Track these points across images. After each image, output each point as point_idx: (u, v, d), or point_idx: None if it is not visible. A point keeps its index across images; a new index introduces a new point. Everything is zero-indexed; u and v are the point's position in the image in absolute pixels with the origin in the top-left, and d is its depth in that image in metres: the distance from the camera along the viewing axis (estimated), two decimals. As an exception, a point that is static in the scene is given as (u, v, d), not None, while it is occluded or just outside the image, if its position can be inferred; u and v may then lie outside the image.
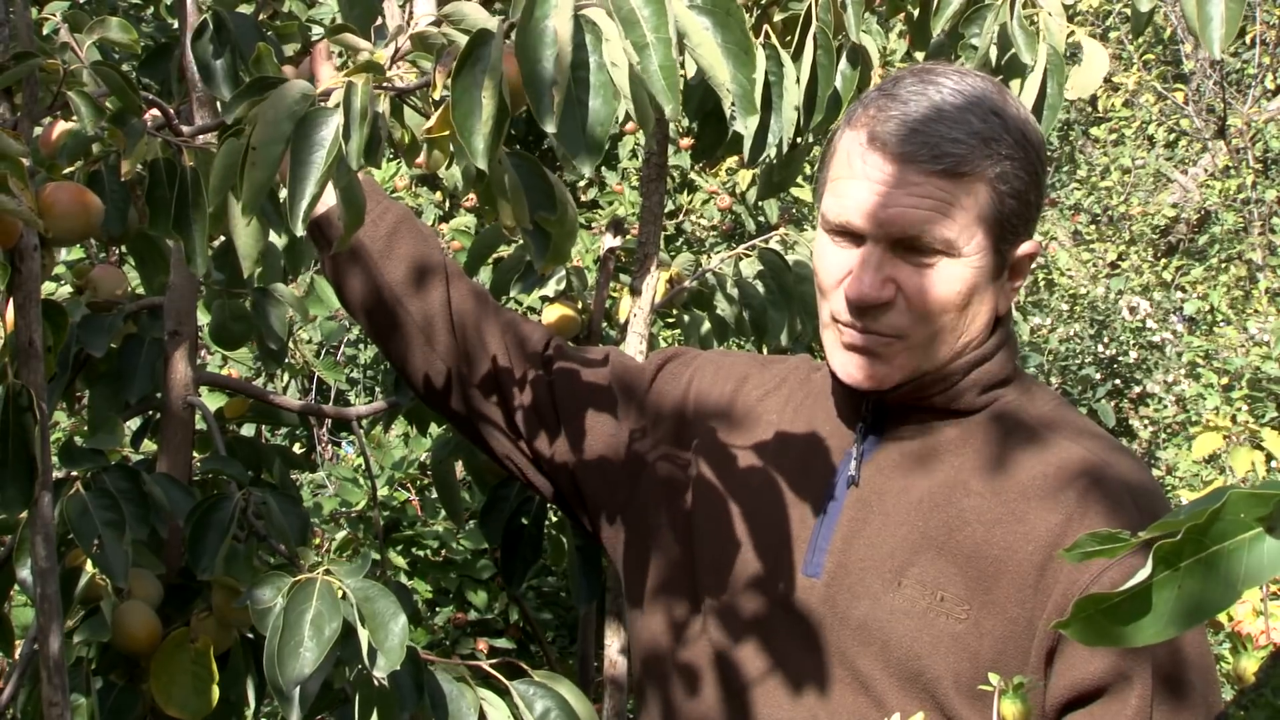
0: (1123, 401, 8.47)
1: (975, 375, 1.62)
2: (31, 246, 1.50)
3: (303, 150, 1.28)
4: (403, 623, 1.80)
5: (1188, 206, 10.13)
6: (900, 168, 1.52)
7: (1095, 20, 10.03)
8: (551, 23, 1.21)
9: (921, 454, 1.62)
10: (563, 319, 2.90)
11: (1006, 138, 1.56)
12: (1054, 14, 1.95)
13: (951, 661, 1.52)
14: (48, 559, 1.60)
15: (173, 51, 2.15)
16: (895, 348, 1.58)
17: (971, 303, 1.58)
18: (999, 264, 1.59)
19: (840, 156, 1.59)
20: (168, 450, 2.23)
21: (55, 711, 1.62)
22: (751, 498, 1.70)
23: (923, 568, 1.55)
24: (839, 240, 1.59)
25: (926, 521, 1.57)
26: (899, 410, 1.64)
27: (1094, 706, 1.50)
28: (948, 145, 1.52)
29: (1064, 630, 0.75)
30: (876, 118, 1.54)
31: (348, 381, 6.22)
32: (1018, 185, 1.57)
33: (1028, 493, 1.55)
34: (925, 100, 1.54)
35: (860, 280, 1.55)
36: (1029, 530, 1.53)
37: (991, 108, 1.56)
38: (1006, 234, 1.57)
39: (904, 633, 1.54)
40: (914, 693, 1.53)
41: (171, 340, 2.21)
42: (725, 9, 1.23)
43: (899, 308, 1.56)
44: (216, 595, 2.06)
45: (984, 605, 1.52)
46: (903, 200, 1.52)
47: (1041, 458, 1.57)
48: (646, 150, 2.47)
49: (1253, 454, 3.66)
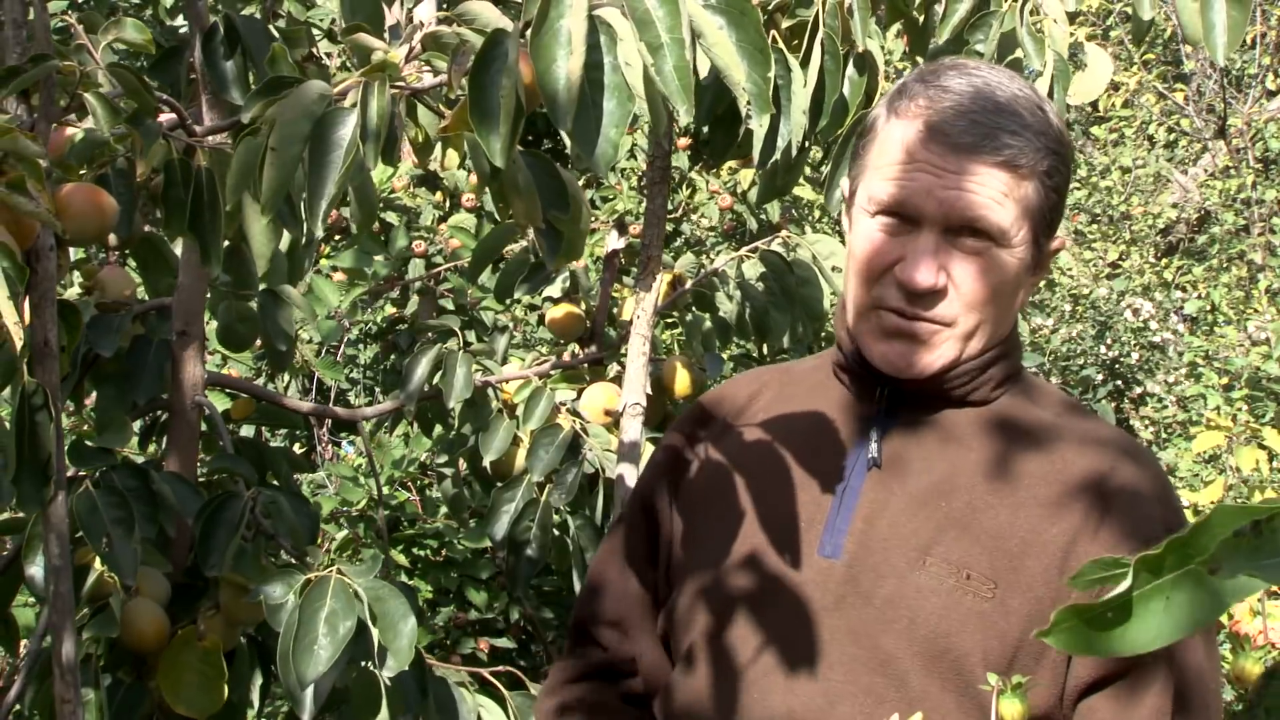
0: (1123, 402, 8.48)
1: (994, 371, 1.64)
2: (48, 247, 1.51)
3: (321, 150, 1.28)
4: (412, 624, 1.81)
5: (1188, 206, 10.14)
6: (961, 157, 1.54)
7: (1096, 20, 10.04)
8: (566, 23, 1.21)
9: (939, 438, 1.64)
10: (567, 318, 2.91)
11: (1052, 132, 1.59)
12: (1058, 20, 1.96)
13: (979, 639, 1.52)
14: (61, 557, 1.61)
15: (182, 54, 2.16)
16: (942, 335, 1.59)
17: (1013, 294, 1.61)
18: (1036, 258, 1.62)
19: (890, 143, 1.59)
20: (176, 450, 2.24)
21: (68, 708, 1.63)
22: (757, 481, 1.70)
23: (948, 546, 1.56)
24: (889, 224, 1.59)
25: (950, 502, 1.58)
26: (914, 397, 1.65)
27: (1117, 687, 1.51)
28: (1007, 138, 1.55)
29: (1046, 639, 0.75)
30: (931, 109, 1.56)
31: (348, 381, 6.22)
32: (1059, 181, 1.60)
33: (1045, 488, 1.57)
34: (976, 92, 1.57)
35: (914, 266, 1.56)
36: (1052, 514, 1.55)
37: (1037, 103, 1.60)
38: (1046, 228, 1.61)
39: (931, 610, 1.54)
40: (938, 671, 1.53)
41: (180, 341, 2.22)
42: (740, 8, 1.23)
43: (950, 296, 1.57)
44: (224, 593, 2.07)
45: (1010, 585, 1.53)
46: (967, 186, 1.54)
47: (1052, 462, 1.59)
48: (650, 153, 2.48)
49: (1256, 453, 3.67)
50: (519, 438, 2.79)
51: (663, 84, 1.20)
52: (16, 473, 1.54)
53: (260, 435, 3.84)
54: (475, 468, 3.00)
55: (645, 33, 1.20)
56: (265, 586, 1.83)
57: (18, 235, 1.43)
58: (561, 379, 2.85)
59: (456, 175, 4.85)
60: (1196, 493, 5.86)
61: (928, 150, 1.55)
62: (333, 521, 4.87)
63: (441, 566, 4.91)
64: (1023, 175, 1.56)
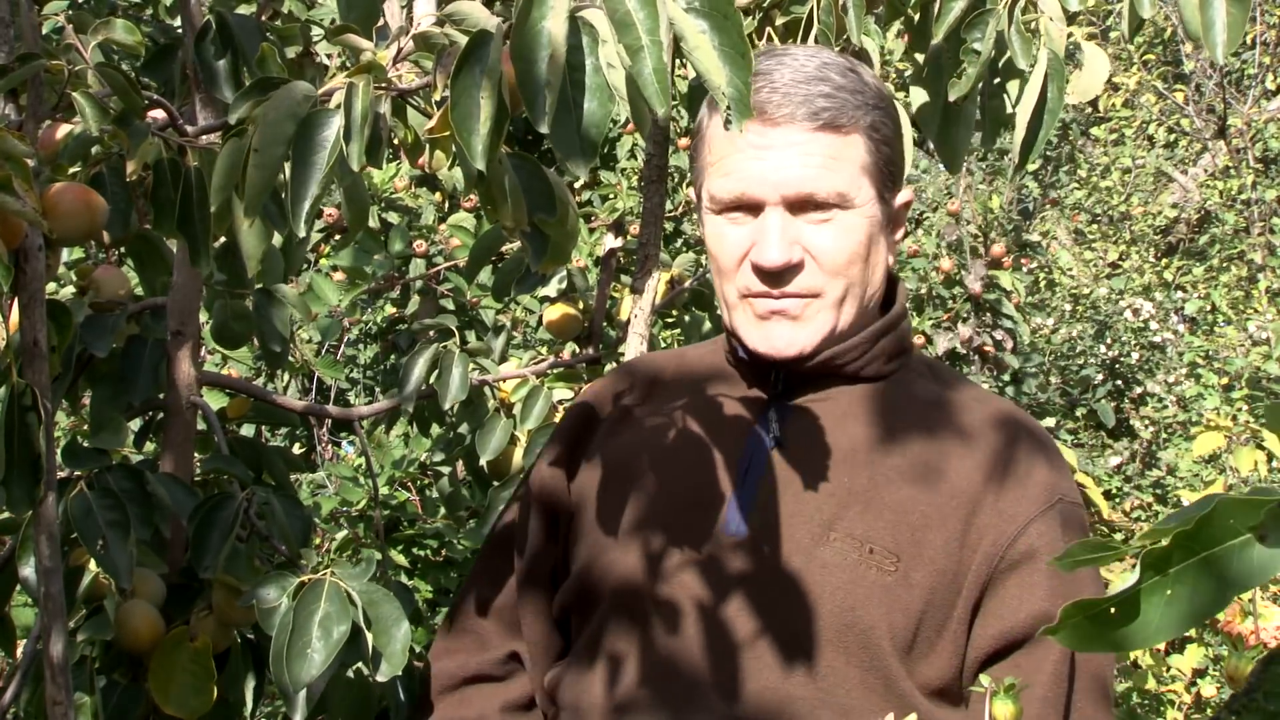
0: (1123, 402, 8.47)
1: (882, 344, 1.68)
2: (36, 247, 1.50)
3: (304, 151, 1.28)
4: (406, 628, 1.81)
5: (1188, 206, 10.13)
6: (781, 131, 1.57)
7: (1096, 19, 10.03)
8: (547, 24, 1.21)
9: (836, 416, 1.66)
10: (564, 318, 2.91)
11: (868, 88, 1.62)
12: (1055, 19, 1.95)
13: (884, 613, 1.55)
14: (52, 558, 1.60)
15: (175, 52, 2.15)
16: (812, 308, 1.62)
17: (871, 253, 1.64)
18: (886, 213, 1.65)
19: (716, 139, 1.64)
20: (171, 450, 2.23)
21: (59, 710, 1.63)
22: (661, 463, 1.72)
23: (851, 521, 1.59)
24: (734, 217, 1.63)
25: (852, 478, 1.62)
26: (808, 378, 1.68)
27: (1018, 655, 1.55)
28: (821, 100, 1.58)
29: (1052, 636, 0.75)
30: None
31: (348, 381, 6.22)
32: (887, 133, 1.63)
33: (945, 450, 1.62)
34: (785, 69, 1.60)
35: (766, 247, 1.59)
36: (951, 486, 1.59)
37: (847, 66, 1.64)
38: (887, 182, 1.64)
39: (836, 585, 1.57)
40: (845, 645, 1.56)
41: (174, 340, 2.21)
42: (723, 12, 1.23)
43: (809, 267, 1.61)
44: (217, 594, 2.06)
45: (913, 558, 1.57)
46: (792, 160, 1.57)
47: (958, 434, 1.64)
48: (646, 152, 2.48)
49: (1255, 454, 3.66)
50: (516, 437, 2.78)
51: (641, 86, 1.20)
52: (6, 474, 1.53)
53: (260, 435, 3.84)
54: (472, 467, 3.00)
55: (625, 35, 1.20)
56: (258, 589, 1.83)
57: (5, 235, 1.43)
58: (559, 378, 2.85)
59: (456, 176, 4.85)
60: (1196, 493, 5.85)
61: (748, 134, 1.57)
62: (332, 522, 4.87)
63: (441, 566, 4.90)
64: (846, 133, 1.59)
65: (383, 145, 1.31)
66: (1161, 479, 7.19)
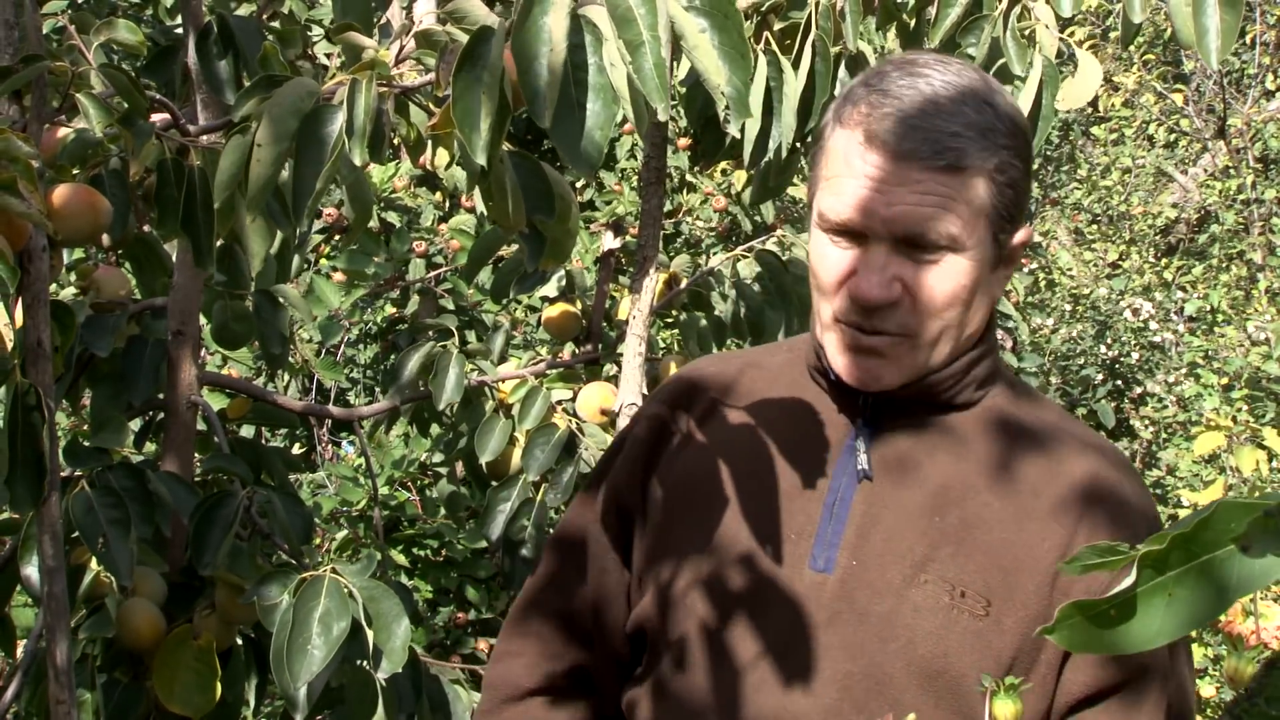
0: (1123, 402, 8.48)
1: (975, 372, 1.61)
2: (40, 248, 1.51)
3: (307, 148, 1.28)
4: (406, 625, 1.82)
5: (1188, 206, 10.14)
6: (901, 165, 1.49)
7: (1095, 20, 10.04)
8: (548, 21, 1.20)
9: (926, 448, 1.60)
10: (563, 318, 2.91)
11: (1000, 127, 1.53)
12: (1049, 26, 1.96)
13: (975, 659, 1.50)
14: (55, 557, 1.61)
15: (176, 53, 2.16)
16: (902, 347, 1.55)
17: (975, 296, 1.56)
18: (997, 254, 1.57)
19: (835, 155, 1.56)
20: (172, 450, 2.24)
21: (62, 709, 1.63)
22: (743, 479, 1.66)
23: (943, 564, 1.53)
24: (839, 240, 1.56)
25: (944, 517, 1.56)
26: (897, 404, 1.62)
27: (1110, 702, 1.50)
28: (948, 140, 1.50)
29: (1049, 635, 0.75)
30: (871, 115, 1.51)
31: (348, 381, 6.23)
32: (1014, 175, 1.55)
33: (1039, 498, 1.55)
34: (917, 94, 1.52)
35: (866, 280, 1.52)
36: (1044, 529, 1.53)
37: (984, 98, 1.54)
38: (1005, 224, 1.56)
39: (928, 630, 1.52)
40: (934, 690, 1.51)
41: (175, 340, 2.22)
42: (724, 12, 1.23)
43: (905, 306, 1.53)
44: (220, 592, 2.07)
45: (1004, 602, 1.51)
46: (906, 198, 1.50)
47: (1050, 468, 1.57)
48: (645, 153, 2.49)
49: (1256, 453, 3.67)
50: (515, 437, 2.79)
51: (641, 82, 1.18)
52: (10, 473, 1.54)
53: (260, 435, 3.84)
54: (471, 467, 3.00)
55: (625, 30, 1.19)
56: (260, 586, 1.83)
57: (10, 236, 1.44)
58: (557, 378, 2.85)
59: (456, 175, 4.85)
60: (1196, 493, 5.85)
61: (867, 162, 1.50)
62: (332, 521, 4.88)
63: (441, 566, 4.91)
64: (969, 175, 1.51)
65: (385, 142, 1.31)
66: (1161, 479, 7.19)
